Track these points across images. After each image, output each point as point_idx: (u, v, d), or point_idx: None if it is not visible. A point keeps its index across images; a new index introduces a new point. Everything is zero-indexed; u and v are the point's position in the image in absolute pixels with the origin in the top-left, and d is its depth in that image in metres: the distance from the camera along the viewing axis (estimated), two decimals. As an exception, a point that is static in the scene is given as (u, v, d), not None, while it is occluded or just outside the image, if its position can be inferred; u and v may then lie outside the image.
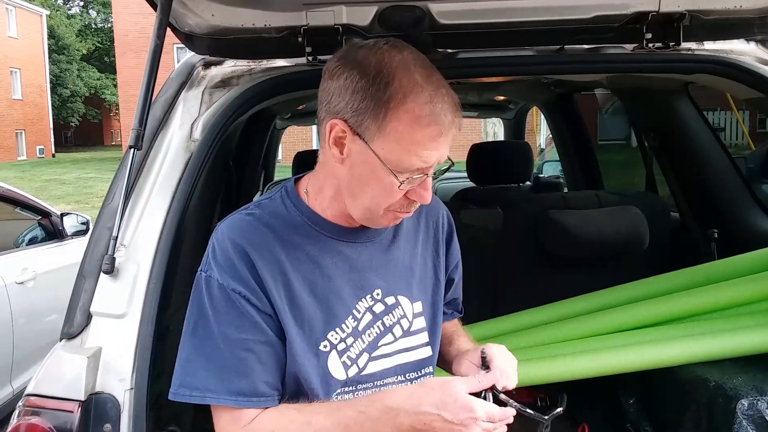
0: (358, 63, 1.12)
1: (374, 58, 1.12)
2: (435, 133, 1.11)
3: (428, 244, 1.37)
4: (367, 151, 1.12)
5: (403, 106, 1.09)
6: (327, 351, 1.22)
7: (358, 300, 1.26)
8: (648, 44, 1.63)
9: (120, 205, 1.40)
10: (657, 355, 1.88)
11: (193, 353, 1.16)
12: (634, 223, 2.32)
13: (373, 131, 1.11)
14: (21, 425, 1.25)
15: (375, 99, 1.10)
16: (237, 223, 1.23)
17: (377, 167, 1.13)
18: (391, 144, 1.11)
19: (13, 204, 4.03)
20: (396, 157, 1.12)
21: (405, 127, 1.10)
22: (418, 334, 1.32)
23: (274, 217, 1.24)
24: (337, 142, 1.15)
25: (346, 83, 1.12)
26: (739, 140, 11.10)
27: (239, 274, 1.16)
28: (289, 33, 1.56)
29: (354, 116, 1.12)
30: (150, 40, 1.46)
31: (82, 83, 38.61)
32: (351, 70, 1.12)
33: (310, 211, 1.25)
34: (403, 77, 1.10)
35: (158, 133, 1.55)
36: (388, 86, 1.09)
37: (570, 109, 3.59)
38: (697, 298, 2.02)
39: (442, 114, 1.11)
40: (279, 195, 1.28)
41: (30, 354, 3.74)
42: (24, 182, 18.29)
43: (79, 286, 1.38)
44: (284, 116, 4.52)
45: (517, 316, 2.23)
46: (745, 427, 1.64)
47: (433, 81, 1.12)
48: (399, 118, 1.10)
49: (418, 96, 1.10)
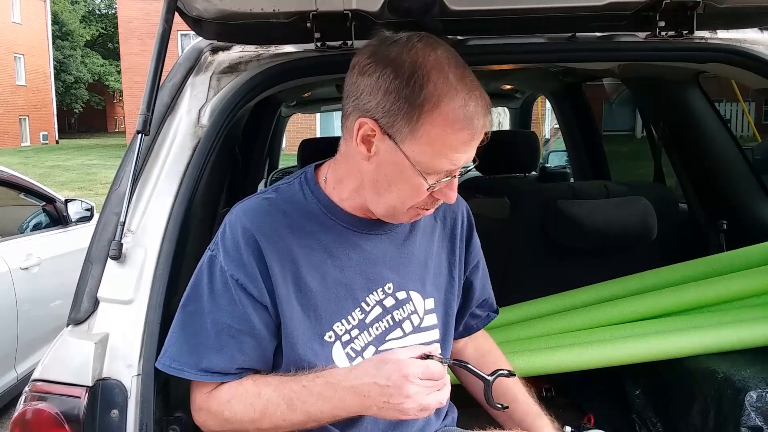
0: (391, 61, 1.09)
1: (408, 57, 1.09)
2: (467, 137, 1.10)
3: (444, 240, 1.36)
4: (397, 152, 1.11)
5: (437, 110, 1.07)
6: (331, 341, 1.22)
7: (368, 293, 1.25)
8: (661, 32, 1.61)
9: (127, 191, 1.38)
10: (665, 347, 1.87)
11: (181, 327, 1.21)
12: (642, 214, 2.30)
13: (405, 133, 1.09)
14: (28, 410, 1.25)
15: (409, 101, 1.08)
16: (252, 208, 1.23)
17: (406, 168, 1.12)
18: (422, 147, 1.10)
19: (18, 190, 4.02)
20: (427, 159, 1.10)
21: (438, 131, 1.08)
22: (430, 331, 1.32)
23: (291, 204, 1.24)
24: (365, 140, 1.13)
25: (378, 82, 1.09)
26: (745, 132, 11.05)
27: (242, 261, 1.17)
28: (298, 18, 1.55)
29: (385, 117, 1.10)
30: (158, 24, 1.44)
31: (85, 69, 38.53)
32: (384, 69, 1.09)
33: (328, 200, 1.24)
34: (438, 79, 1.08)
35: (166, 118, 1.54)
36: (423, 88, 1.07)
37: (578, 99, 3.57)
38: (705, 289, 2.01)
39: (475, 118, 1.09)
40: (298, 181, 1.27)
41: (34, 340, 3.75)
42: (28, 168, 18.30)
43: (86, 272, 1.37)
44: (290, 104, 4.50)
45: (524, 305, 2.22)
46: (754, 419, 1.63)
47: (467, 83, 1.10)
48: (433, 121, 1.08)
49: (453, 99, 1.08)
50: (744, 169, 2.43)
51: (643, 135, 3.37)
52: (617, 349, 1.91)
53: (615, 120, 10.82)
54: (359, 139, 1.13)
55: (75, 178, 17.35)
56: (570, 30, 1.69)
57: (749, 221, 2.38)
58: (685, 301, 2.01)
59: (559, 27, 1.68)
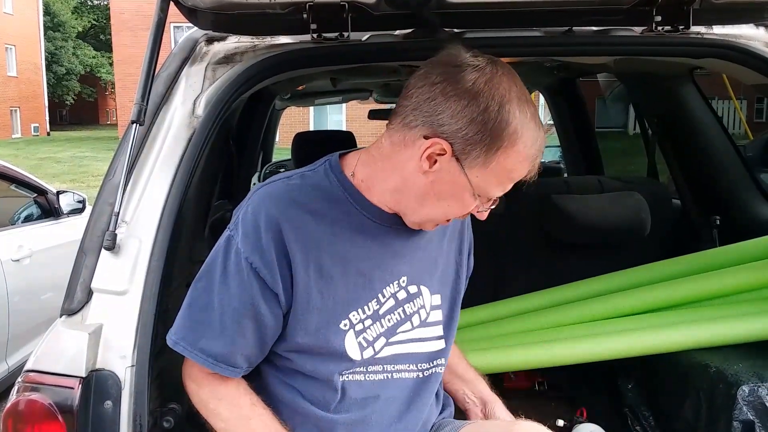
0: (476, 94, 1.10)
1: (496, 91, 1.11)
2: (527, 170, 1.15)
3: (453, 240, 1.38)
4: (461, 174, 1.13)
5: (515, 146, 1.11)
6: (345, 330, 1.23)
7: (385, 285, 1.26)
8: (657, 27, 1.61)
9: (122, 181, 1.37)
10: (658, 341, 1.88)
11: (188, 303, 1.23)
12: (636, 209, 2.31)
13: (479, 162, 1.12)
14: (20, 401, 1.24)
15: (491, 135, 1.10)
16: (277, 192, 1.23)
17: (464, 189, 1.15)
18: (489, 176, 1.13)
19: (9, 181, 3.99)
20: (487, 186, 1.15)
21: (510, 165, 1.13)
22: (434, 327, 1.33)
23: (317, 190, 1.23)
24: (430, 157, 1.14)
25: (465, 111, 1.11)
26: (737, 129, 11.09)
27: (261, 246, 1.17)
28: (294, 9, 1.53)
29: (463, 144, 1.11)
30: (153, 14, 1.43)
31: (77, 61, 38.26)
32: (472, 100, 1.10)
33: (355, 190, 1.24)
34: (521, 116, 1.11)
35: (160, 108, 1.53)
36: (508, 126, 1.11)
37: (573, 94, 3.57)
38: (698, 284, 2.02)
39: (538, 154, 1.15)
40: (323, 168, 1.26)
41: (25, 331, 3.73)
42: (19, 160, 18.16)
43: (80, 263, 1.36)
44: (284, 96, 4.48)
45: (518, 300, 2.23)
46: (746, 413, 1.64)
47: (537, 120, 1.14)
48: (508, 156, 1.12)
49: (528, 138, 1.12)
50: (737, 165, 2.45)
51: (636, 131, 3.38)
52: (610, 343, 1.92)
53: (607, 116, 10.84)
54: (425, 156, 1.14)
55: (66, 170, 17.26)
56: (567, 24, 1.69)
57: (742, 217, 2.39)
58: (678, 296, 2.02)
59: (556, 21, 1.67)
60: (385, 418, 1.27)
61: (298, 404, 1.26)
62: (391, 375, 1.27)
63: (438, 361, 1.34)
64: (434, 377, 1.34)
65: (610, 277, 2.17)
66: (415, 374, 1.30)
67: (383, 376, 1.27)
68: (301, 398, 1.25)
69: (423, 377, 1.32)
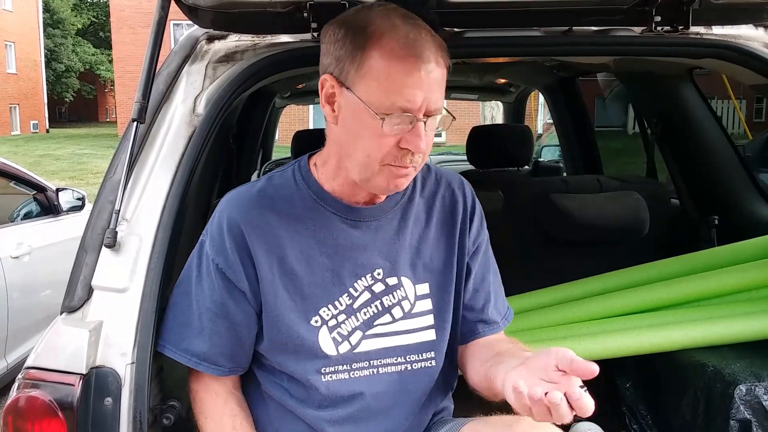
0: (340, 19, 1.16)
1: (358, 13, 1.15)
2: (412, 66, 1.08)
3: (444, 225, 1.34)
4: (353, 97, 1.12)
5: (378, 42, 1.10)
6: (318, 326, 1.24)
7: (356, 278, 1.26)
8: (656, 27, 1.61)
9: (122, 179, 1.38)
10: (655, 340, 1.89)
11: (170, 307, 1.30)
12: (634, 208, 2.32)
13: (353, 75, 1.11)
14: (21, 397, 1.24)
15: (353, 42, 1.11)
16: (239, 197, 1.27)
17: (362, 112, 1.11)
18: (369, 83, 1.10)
19: (8, 178, 4.00)
20: (376, 96, 1.10)
21: (381, 63, 1.09)
22: (422, 317, 1.31)
23: (281, 191, 1.26)
24: (329, 100, 1.16)
25: (330, 38, 1.15)
26: (736, 129, 11.10)
27: (224, 247, 1.22)
28: (295, 8, 1.54)
29: (337, 66, 1.13)
30: (153, 11, 1.44)
31: (77, 58, 38.19)
32: (335, 26, 1.16)
33: (318, 186, 1.26)
34: (382, 21, 1.11)
35: (161, 106, 1.53)
36: (366, 29, 1.11)
37: (573, 94, 3.58)
38: (696, 283, 2.02)
39: (418, 45, 1.09)
40: (291, 169, 1.30)
41: (24, 329, 3.73)
42: (18, 157, 18.15)
43: (81, 260, 1.36)
44: (284, 95, 4.49)
45: (516, 299, 2.22)
46: (743, 412, 1.65)
47: (413, 23, 1.12)
48: (374, 54, 1.10)
49: (395, 32, 1.10)
50: (736, 165, 2.45)
51: (635, 131, 3.39)
52: (608, 342, 1.92)
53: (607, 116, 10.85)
54: (324, 101, 1.17)
55: (66, 168, 17.24)
56: (567, 24, 1.69)
57: (740, 217, 2.39)
58: (676, 296, 2.02)
59: (556, 21, 1.68)
60: (374, 414, 1.27)
61: (287, 403, 1.27)
62: (376, 370, 1.26)
63: (428, 354, 1.30)
64: (425, 371, 1.30)
65: (608, 277, 2.17)
66: (402, 367, 1.28)
67: (369, 372, 1.26)
68: (289, 397, 1.27)
69: (412, 370, 1.29)
